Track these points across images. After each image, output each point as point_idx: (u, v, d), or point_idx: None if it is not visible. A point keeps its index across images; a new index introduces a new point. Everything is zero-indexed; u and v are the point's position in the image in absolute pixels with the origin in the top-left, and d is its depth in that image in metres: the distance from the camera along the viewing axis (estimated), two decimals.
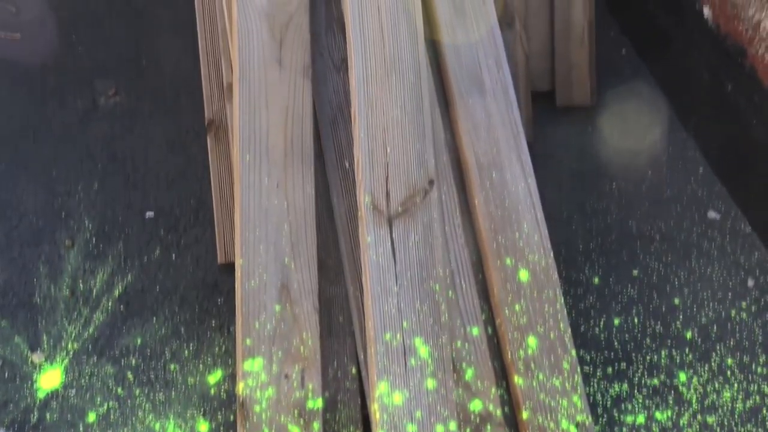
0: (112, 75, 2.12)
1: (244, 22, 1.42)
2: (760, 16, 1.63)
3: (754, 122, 1.70)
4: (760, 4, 1.62)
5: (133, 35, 2.23)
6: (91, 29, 2.25)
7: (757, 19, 1.64)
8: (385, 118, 1.33)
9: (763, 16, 1.62)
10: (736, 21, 1.72)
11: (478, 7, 1.49)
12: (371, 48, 1.36)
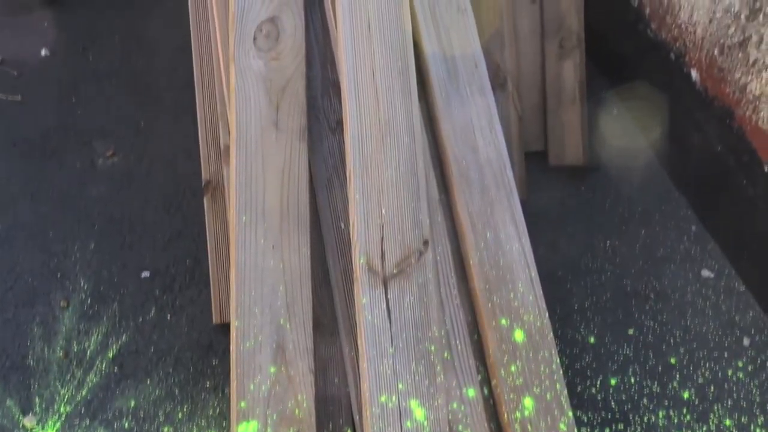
0: (111, 136, 2.15)
1: (242, 86, 1.45)
2: (746, 80, 1.67)
3: (744, 182, 1.72)
4: (746, 68, 1.66)
5: (132, 96, 2.27)
6: (91, 91, 2.29)
7: (743, 82, 1.68)
8: (380, 179, 1.34)
9: (749, 80, 1.66)
10: (723, 84, 1.76)
11: (470, 70, 1.52)
12: (366, 110, 1.38)
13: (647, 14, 2.08)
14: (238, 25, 1.48)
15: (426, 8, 1.52)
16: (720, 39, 1.75)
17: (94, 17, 2.56)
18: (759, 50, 1.61)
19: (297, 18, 1.49)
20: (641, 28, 2.11)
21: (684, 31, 1.91)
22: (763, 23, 1.59)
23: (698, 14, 1.84)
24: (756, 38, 1.62)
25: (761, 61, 1.61)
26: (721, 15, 1.74)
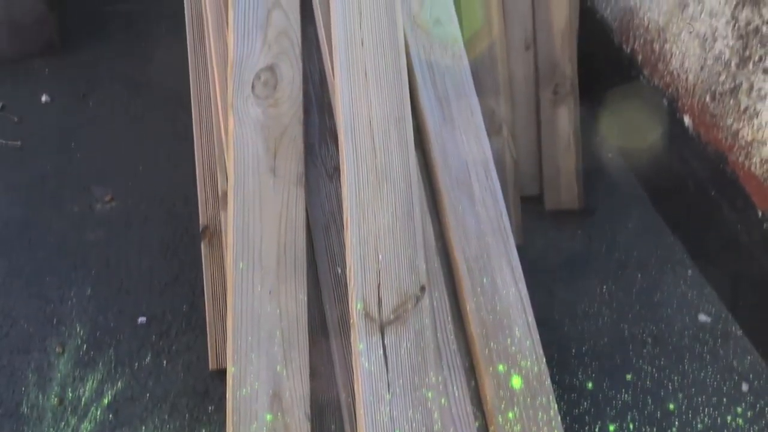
0: (110, 181, 2.16)
1: (240, 132, 1.47)
2: (738, 126, 1.69)
3: (738, 227, 1.73)
4: (737, 115, 1.69)
5: (131, 141, 2.29)
6: (90, 137, 2.31)
7: (735, 128, 1.70)
8: (377, 225, 1.35)
9: (740, 126, 1.68)
10: (716, 129, 1.78)
11: (466, 118, 1.54)
12: (363, 157, 1.40)
13: (640, 61, 2.12)
14: (236, 73, 1.50)
15: (422, 57, 1.54)
16: (711, 86, 1.78)
17: (95, 64, 2.60)
18: (750, 97, 1.64)
19: (295, 66, 1.52)
20: (634, 74, 2.14)
21: (676, 77, 1.94)
22: (752, 71, 1.62)
23: (689, 61, 1.87)
24: (746, 86, 1.64)
25: (752, 108, 1.63)
26: (712, 63, 1.77)
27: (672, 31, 1.93)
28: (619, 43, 2.21)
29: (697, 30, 1.82)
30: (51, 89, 2.48)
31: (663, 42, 1.98)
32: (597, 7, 2.33)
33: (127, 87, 2.50)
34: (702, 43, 1.80)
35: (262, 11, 1.52)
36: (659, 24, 1.99)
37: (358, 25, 1.48)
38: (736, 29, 1.66)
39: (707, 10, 1.76)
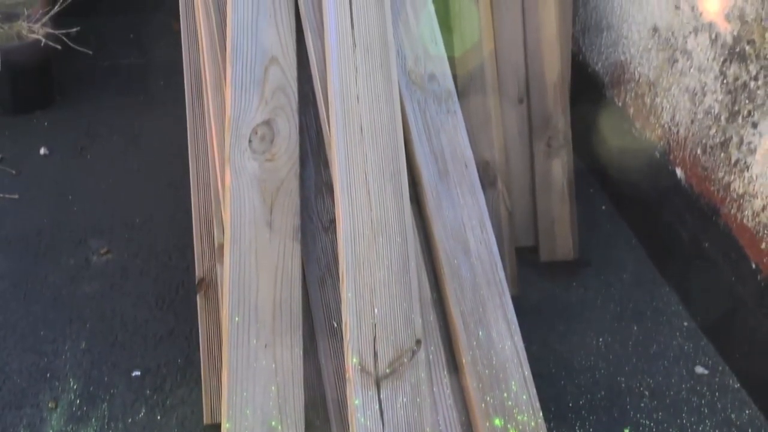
0: (106, 233, 2.17)
1: (237, 186, 1.48)
2: (729, 179, 1.71)
3: (732, 279, 1.74)
4: (728, 168, 1.71)
5: (128, 194, 2.30)
6: (87, 188, 2.32)
7: (727, 181, 1.72)
8: (373, 279, 1.35)
9: (732, 179, 1.70)
10: (708, 182, 1.80)
11: (461, 171, 1.55)
12: (359, 211, 1.41)
13: (632, 114, 2.15)
14: (234, 128, 1.52)
15: (417, 111, 1.57)
16: (702, 139, 1.81)
17: (94, 117, 2.63)
18: (740, 151, 1.66)
19: (291, 121, 1.54)
20: (626, 127, 2.17)
21: (668, 130, 1.97)
22: (742, 125, 1.64)
23: (680, 115, 1.90)
24: (736, 139, 1.67)
25: (742, 161, 1.66)
26: (702, 116, 1.80)
27: (662, 86, 1.97)
28: (611, 96, 2.25)
29: (686, 84, 1.85)
30: (50, 142, 2.50)
31: (654, 96, 2.01)
32: (589, 61, 2.38)
33: (125, 139, 2.53)
34: (692, 97, 1.83)
35: (259, 68, 1.54)
36: (650, 78, 2.02)
37: (354, 80, 1.51)
38: (725, 84, 1.69)
39: (696, 66, 1.80)
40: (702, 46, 1.76)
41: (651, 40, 1.99)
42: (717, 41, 1.70)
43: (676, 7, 1.85)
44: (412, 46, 1.61)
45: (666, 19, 1.91)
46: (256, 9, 1.56)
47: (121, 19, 3.17)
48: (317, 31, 1.54)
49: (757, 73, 1.58)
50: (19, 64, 2.52)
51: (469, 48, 2.02)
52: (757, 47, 1.56)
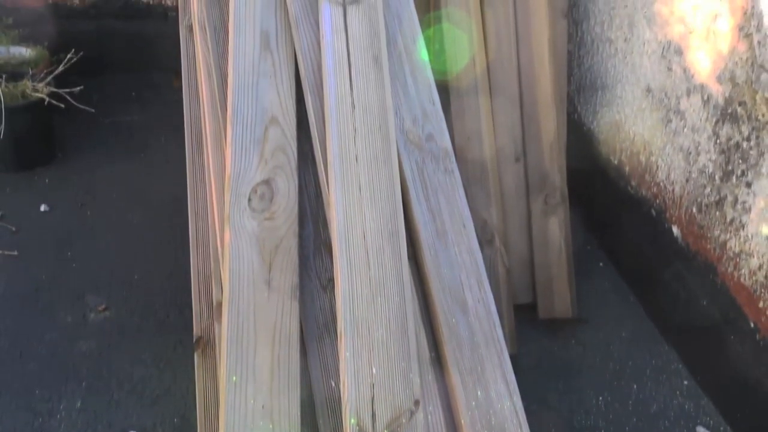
0: (104, 290, 2.17)
1: (236, 244, 1.49)
2: (725, 237, 1.72)
3: (731, 338, 1.73)
4: (724, 226, 1.72)
5: (127, 250, 2.31)
6: (86, 245, 2.33)
7: (723, 239, 1.73)
8: (371, 338, 1.35)
9: (728, 237, 1.71)
10: (704, 240, 1.81)
11: (458, 230, 1.56)
12: (357, 271, 1.41)
13: (627, 172, 2.17)
14: (233, 187, 1.53)
15: (415, 171, 1.58)
16: (697, 197, 1.83)
17: (95, 174, 2.65)
18: (735, 210, 1.68)
19: (290, 180, 1.55)
20: (622, 185, 2.20)
21: (663, 188, 1.99)
22: (736, 184, 1.66)
23: (675, 174, 1.92)
24: (731, 198, 1.69)
25: (738, 220, 1.67)
26: (697, 175, 1.82)
27: (657, 145, 1.99)
28: (607, 154, 2.28)
29: (680, 144, 1.88)
30: (50, 198, 2.52)
31: (649, 154, 2.04)
32: (584, 120, 2.41)
33: (125, 196, 2.54)
34: (686, 156, 1.86)
35: (259, 127, 1.57)
36: (644, 137, 2.05)
37: (353, 140, 1.53)
38: (718, 144, 1.72)
39: (689, 126, 1.83)
40: (695, 107, 1.79)
41: (645, 100, 2.03)
42: (709, 102, 1.73)
43: (668, 69, 1.89)
44: (409, 106, 1.64)
45: (659, 80, 1.94)
46: (257, 70, 1.60)
47: (123, 77, 3.22)
48: (317, 92, 1.57)
49: (749, 134, 1.60)
50: (22, 123, 2.55)
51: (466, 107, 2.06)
52: (749, 109, 1.59)
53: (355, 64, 1.58)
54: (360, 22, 1.60)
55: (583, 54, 2.36)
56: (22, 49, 2.85)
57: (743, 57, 1.58)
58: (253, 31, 1.62)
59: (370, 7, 1.61)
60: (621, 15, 2.11)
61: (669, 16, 1.87)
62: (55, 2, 3.07)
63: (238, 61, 1.59)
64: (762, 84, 1.46)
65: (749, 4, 1.51)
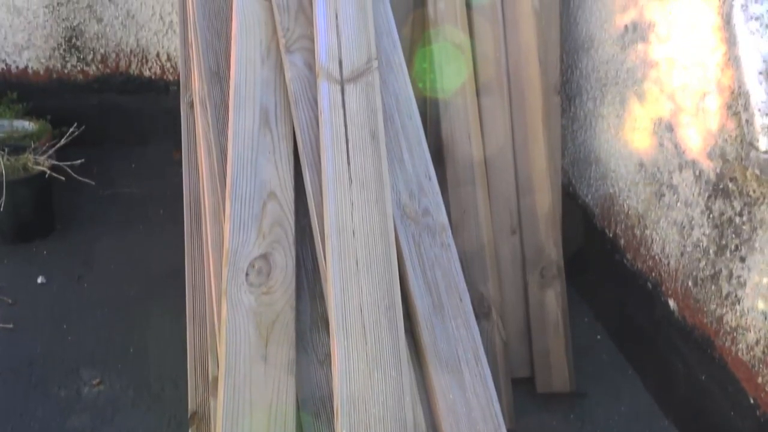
0: (99, 364, 2.15)
1: (233, 319, 1.49)
2: (722, 311, 1.72)
3: (732, 413, 1.72)
4: (720, 300, 1.73)
5: (123, 324, 2.30)
6: (83, 318, 2.32)
7: (719, 314, 1.73)
8: (368, 414, 1.34)
9: (724, 311, 1.72)
10: (700, 314, 1.82)
11: (455, 304, 1.57)
12: (354, 346, 1.41)
13: (622, 245, 2.19)
14: (231, 261, 1.54)
15: (411, 245, 1.60)
16: (693, 271, 1.84)
17: (93, 246, 2.66)
18: (730, 284, 1.69)
19: (288, 254, 1.56)
20: (618, 258, 2.21)
21: (658, 262, 2.00)
22: (730, 259, 1.68)
23: (670, 247, 1.94)
24: (726, 272, 1.70)
25: (733, 295, 1.68)
26: (691, 249, 1.83)
27: (651, 218, 2.01)
28: (602, 227, 2.30)
29: (674, 218, 1.90)
30: (48, 270, 2.52)
31: (643, 228, 2.06)
32: (579, 193, 2.44)
33: (122, 268, 2.55)
34: (680, 230, 1.88)
35: (257, 202, 1.59)
36: (638, 211, 2.08)
37: (350, 215, 1.55)
38: (711, 219, 1.74)
39: (683, 200, 1.85)
40: (687, 182, 1.82)
41: (638, 174, 2.06)
42: (701, 178, 1.76)
43: (660, 144, 1.93)
44: (406, 181, 1.66)
45: (651, 155, 1.98)
46: (256, 146, 1.62)
47: (123, 149, 3.26)
48: (315, 167, 1.60)
49: (741, 209, 1.62)
50: (22, 196, 2.57)
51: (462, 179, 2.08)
52: (740, 185, 1.62)
53: (352, 139, 1.61)
54: (358, 99, 1.64)
55: (577, 128, 2.41)
56: (26, 122, 2.90)
57: (732, 134, 1.62)
58: (252, 109, 1.66)
59: (367, 85, 1.65)
60: (612, 92, 2.16)
61: (659, 94, 1.91)
62: (59, 77, 3.14)
63: (238, 138, 1.62)
64: (751, 161, 1.49)
65: (736, 84, 1.55)
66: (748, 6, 1.52)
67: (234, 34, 1.72)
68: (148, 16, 3.05)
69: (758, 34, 1.50)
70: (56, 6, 3.00)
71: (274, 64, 1.70)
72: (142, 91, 3.22)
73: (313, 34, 1.70)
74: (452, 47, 2.08)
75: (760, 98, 1.48)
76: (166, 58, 3.16)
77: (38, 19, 3.01)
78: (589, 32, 2.25)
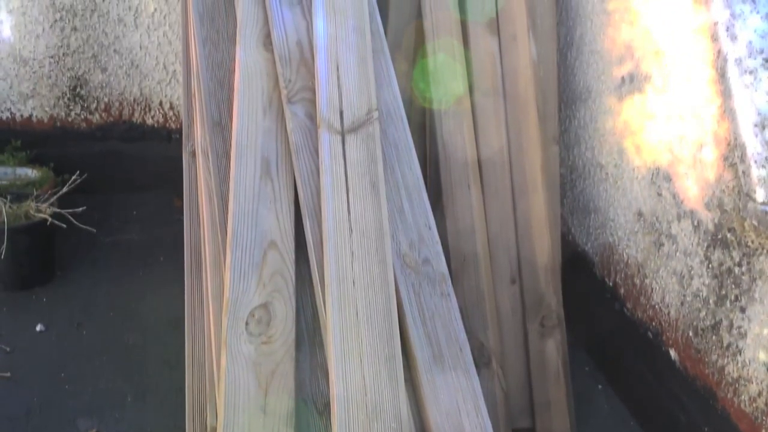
0: (97, 413, 2.13)
1: (232, 369, 1.48)
2: (723, 362, 1.72)
3: None
4: (721, 351, 1.72)
5: (122, 373, 2.28)
6: (81, 367, 2.31)
7: (721, 364, 1.73)
8: None
9: (725, 362, 1.71)
10: (702, 365, 1.81)
11: (455, 354, 1.57)
12: (353, 396, 1.40)
13: (622, 294, 2.19)
14: (231, 311, 1.54)
15: (411, 295, 1.60)
16: (693, 321, 1.83)
17: (92, 293, 2.65)
18: (731, 334, 1.68)
19: (288, 304, 1.57)
20: (618, 307, 2.20)
21: (658, 311, 2.00)
22: (731, 309, 1.67)
23: (670, 297, 1.94)
24: (726, 323, 1.70)
25: (734, 345, 1.67)
26: (691, 299, 1.83)
27: (650, 267, 2.02)
28: (602, 276, 2.30)
29: (674, 268, 1.90)
30: (46, 318, 2.51)
31: (643, 277, 2.06)
32: (578, 241, 2.45)
33: (121, 316, 2.54)
34: (680, 280, 1.88)
35: (258, 251, 1.59)
36: (638, 260, 2.08)
37: (350, 264, 1.56)
38: (711, 269, 1.74)
39: (682, 250, 1.86)
40: (686, 232, 1.83)
41: (637, 223, 2.07)
42: (700, 227, 1.77)
43: (658, 194, 1.94)
44: (406, 230, 1.67)
45: (649, 204, 1.99)
46: (257, 196, 1.64)
47: (125, 196, 3.27)
48: (315, 216, 1.61)
49: (740, 260, 1.63)
50: (23, 243, 2.58)
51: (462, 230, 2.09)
52: (738, 235, 1.63)
53: (353, 189, 1.63)
54: (358, 150, 1.66)
55: (575, 177, 2.42)
56: (28, 170, 2.92)
57: (729, 185, 1.63)
58: (254, 158, 1.67)
59: (368, 135, 1.67)
60: (610, 141, 2.18)
61: (656, 144, 1.93)
62: (63, 125, 3.17)
63: (239, 187, 1.63)
64: (749, 212, 1.50)
65: (732, 136, 1.57)
66: (742, 60, 1.54)
67: (236, 85, 1.75)
68: (151, 65, 3.09)
69: (752, 88, 1.52)
70: (62, 56, 3.04)
71: (276, 115, 1.72)
72: (144, 138, 3.25)
73: (314, 85, 1.73)
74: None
75: (755, 150, 1.49)
76: (169, 107, 3.19)
77: (44, 69, 3.05)
78: (587, 83, 2.28)
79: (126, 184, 3.27)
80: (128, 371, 2.29)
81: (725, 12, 1.59)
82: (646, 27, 1.95)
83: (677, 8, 1.78)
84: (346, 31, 1.74)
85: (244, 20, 1.80)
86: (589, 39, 2.25)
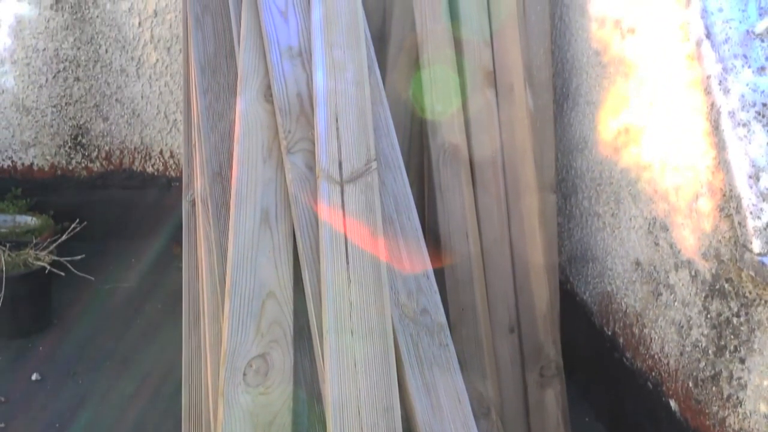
0: None
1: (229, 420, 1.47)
2: (724, 414, 1.70)
3: None
4: (721, 402, 1.71)
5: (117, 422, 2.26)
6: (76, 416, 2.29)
7: (722, 416, 1.71)
8: None
9: (726, 414, 1.70)
10: (702, 416, 1.80)
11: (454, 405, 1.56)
12: None
13: (621, 343, 2.18)
14: (229, 361, 1.53)
15: (410, 345, 1.60)
16: (693, 372, 1.83)
17: (89, 341, 2.64)
18: (731, 385, 1.67)
19: (286, 354, 1.56)
20: (617, 357, 2.19)
21: (658, 361, 1.99)
22: (730, 360, 1.67)
23: (669, 347, 1.93)
24: (726, 374, 1.69)
25: (735, 397, 1.66)
26: (691, 349, 1.83)
27: (649, 317, 2.02)
28: (600, 325, 2.30)
29: (672, 317, 1.90)
30: (42, 367, 2.50)
31: (642, 326, 2.06)
32: (577, 290, 2.45)
33: (118, 365, 2.52)
34: (678, 330, 1.88)
35: (256, 302, 1.59)
36: (636, 309, 2.08)
37: (348, 315, 1.55)
38: (709, 319, 1.74)
39: (680, 299, 1.86)
40: (684, 281, 1.84)
41: (635, 273, 2.07)
42: (697, 277, 1.78)
43: (655, 243, 1.95)
44: (404, 280, 1.67)
45: (647, 254, 2.00)
46: (256, 245, 1.64)
47: (124, 244, 3.28)
48: (314, 266, 1.61)
49: (738, 310, 1.63)
50: (21, 291, 2.57)
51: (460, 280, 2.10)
52: (736, 285, 1.63)
53: (351, 239, 1.63)
54: (357, 200, 1.67)
55: (573, 226, 2.44)
56: (28, 218, 2.93)
57: (726, 235, 1.64)
58: (253, 208, 1.68)
59: (366, 186, 1.69)
60: (607, 191, 2.20)
61: (653, 194, 1.95)
62: (63, 173, 3.19)
63: (238, 236, 1.64)
64: (746, 263, 1.51)
65: (727, 187, 1.59)
66: (735, 113, 1.57)
67: (237, 136, 1.77)
68: (153, 114, 3.13)
69: (746, 140, 1.54)
70: (64, 105, 3.08)
71: (275, 165, 1.74)
72: (144, 186, 3.27)
73: (313, 136, 1.74)
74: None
75: (750, 201, 1.51)
76: (169, 155, 3.22)
77: (46, 118, 3.09)
78: (583, 134, 2.31)
79: (125, 231, 3.28)
80: (124, 421, 2.27)
81: (718, 66, 1.62)
82: (640, 79, 1.98)
83: (671, 62, 1.82)
84: (345, 83, 1.77)
85: (245, 72, 1.82)
86: (585, 90, 2.28)
